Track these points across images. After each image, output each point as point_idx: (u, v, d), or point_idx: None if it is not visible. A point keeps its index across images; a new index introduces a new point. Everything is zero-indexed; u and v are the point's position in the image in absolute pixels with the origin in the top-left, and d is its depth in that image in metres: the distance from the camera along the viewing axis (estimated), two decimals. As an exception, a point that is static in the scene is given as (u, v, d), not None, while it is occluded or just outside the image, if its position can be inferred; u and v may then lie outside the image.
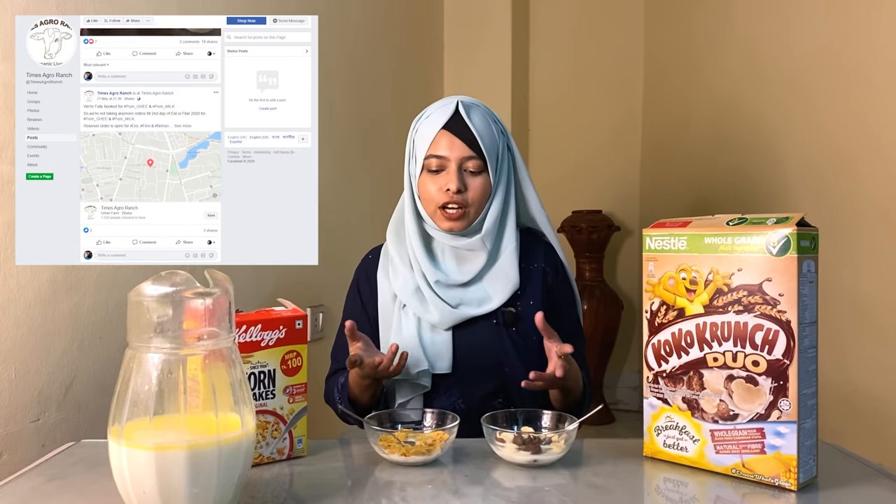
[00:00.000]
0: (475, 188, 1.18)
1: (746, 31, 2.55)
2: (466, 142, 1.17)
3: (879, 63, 1.83)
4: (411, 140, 1.24)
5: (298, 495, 0.86)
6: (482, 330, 1.20)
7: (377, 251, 1.32)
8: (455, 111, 1.18)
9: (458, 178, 1.16)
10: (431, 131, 1.19)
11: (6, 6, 1.10)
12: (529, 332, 1.20)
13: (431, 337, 1.19)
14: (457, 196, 1.16)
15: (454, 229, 1.19)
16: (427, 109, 1.24)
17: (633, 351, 3.43)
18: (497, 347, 1.19)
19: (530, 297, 1.22)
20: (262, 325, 0.93)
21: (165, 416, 0.73)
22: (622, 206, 3.45)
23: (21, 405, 1.14)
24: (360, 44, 2.43)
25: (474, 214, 1.19)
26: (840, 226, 1.92)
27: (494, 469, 0.92)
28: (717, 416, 0.88)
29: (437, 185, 1.18)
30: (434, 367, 1.17)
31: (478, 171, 1.18)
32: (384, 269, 1.27)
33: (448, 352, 1.18)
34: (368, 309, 1.28)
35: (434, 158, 1.18)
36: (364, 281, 1.30)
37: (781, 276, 0.82)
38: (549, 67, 3.49)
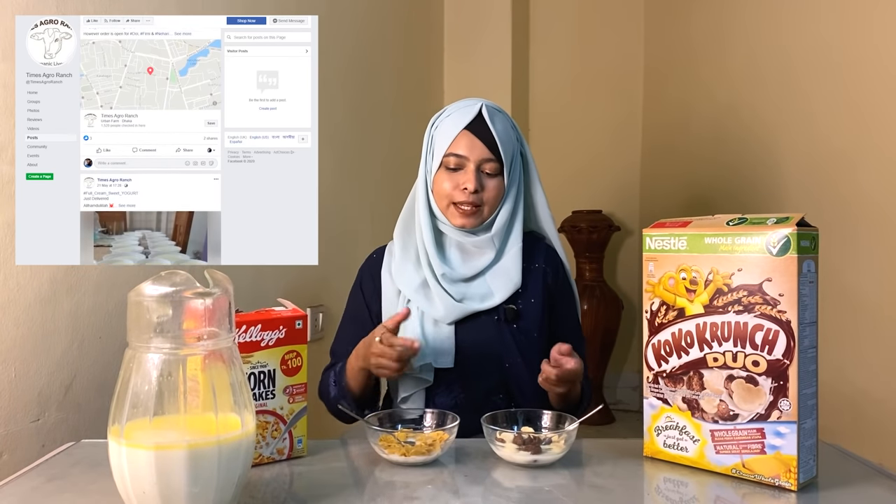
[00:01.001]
0: (490, 189, 1.21)
1: (745, 33, 2.55)
2: (487, 144, 1.20)
3: (876, 63, 1.83)
4: (429, 136, 1.26)
5: (298, 495, 0.86)
6: (484, 326, 1.22)
7: (381, 251, 1.34)
8: (478, 114, 1.21)
9: (476, 178, 1.19)
10: (453, 130, 1.21)
11: (6, 6, 1.10)
12: (530, 328, 1.23)
13: (434, 332, 1.20)
14: (473, 196, 1.20)
15: (466, 226, 1.22)
16: (448, 108, 1.26)
17: (633, 351, 3.43)
18: (498, 343, 1.21)
19: (531, 296, 1.25)
20: (262, 325, 0.93)
21: (165, 416, 0.73)
22: (622, 206, 3.45)
23: (21, 405, 1.14)
24: (360, 44, 2.43)
25: (488, 213, 1.23)
26: (840, 226, 1.92)
27: (494, 469, 0.92)
28: (717, 417, 0.88)
29: (454, 182, 1.21)
30: (437, 362, 1.19)
31: (494, 174, 1.22)
32: (388, 267, 1.29)
33: (451, 346, 1.20)
34: (371, 307, 1.29)
35: (453, 157, 1.21)
36: (368, 279, 1.32)
37: (781, 276, 0.82)
38: (549, 67, 3.49)
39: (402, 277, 1.25)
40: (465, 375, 1.20)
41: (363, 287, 1.32)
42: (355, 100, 2.39)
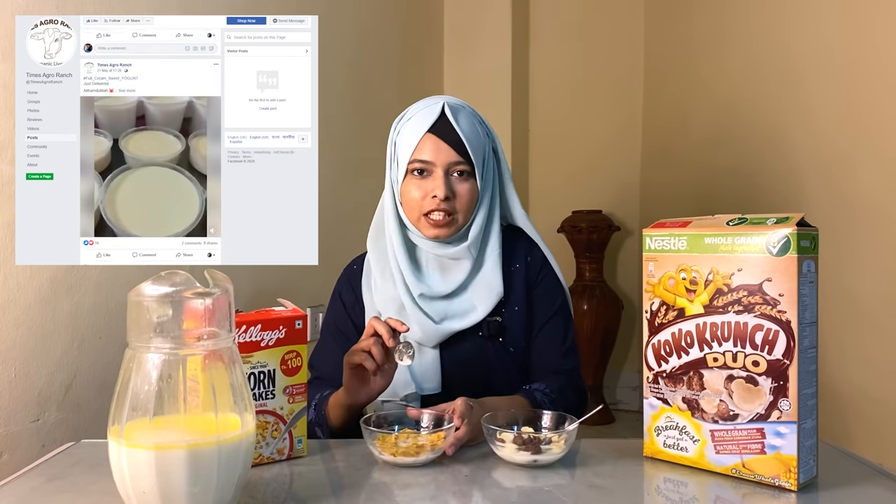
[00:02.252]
0: (463, 195, 1.13)
1: (745, 33, 2.55)
2: (454, 146, 1.12)
3: (877, 63, 1.83)
4: (392, 142, 1.18)
5: (298, 495, 0.86)
6: (468, 344, 1.16)
7: (360, 261, 1.27)
8: (441, 113, 1.13)
9: (446, 184, 1.11)
10: (416, 134, 1.13)
11: (6, 6, 1.10)
12: (516, 342, 1.17)
13: (418, 357, 1.12)
14: (444, 203, 1.11)
15: (440, 237, 1.14)
16: (409, 110, 1.17)
17: (633, 351, 3.43)
18: (483, 364, 1.15)
19: (514, 304, 1.19)
20: (261, 325, 0.93)
21: (165, 416, 0.73)
22: (622, 207, 3.45)
23: (21, 405, 1.14)
24: (360, 44, 2.43)
25: (462, 221, 1.15)
26: (840, 226, 1.92)
27: (494, 469, 0.92)
28: (717, 417, 0.88)
29: (423, 190, 1.13)
30: (423, 389, 1.13)
31: (465, 177, 1.13)
32: (368, 281, 1.22)
33: (437, 372, 1.14)
34: (354, 319, 1.23)
35: (418, 163, 1.12)
36: (348, 290, 1.25)
37: (781, 276, 0.82)
38: (549, 68, 3.49)
39: (378, 297, 1.18)
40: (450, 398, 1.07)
41: (343, 297, 1.25)
42: (355, 100, 2.39)
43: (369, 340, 1.00)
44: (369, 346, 0.99)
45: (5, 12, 1.10)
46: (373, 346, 0.99)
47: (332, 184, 2.15)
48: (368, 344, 0.99)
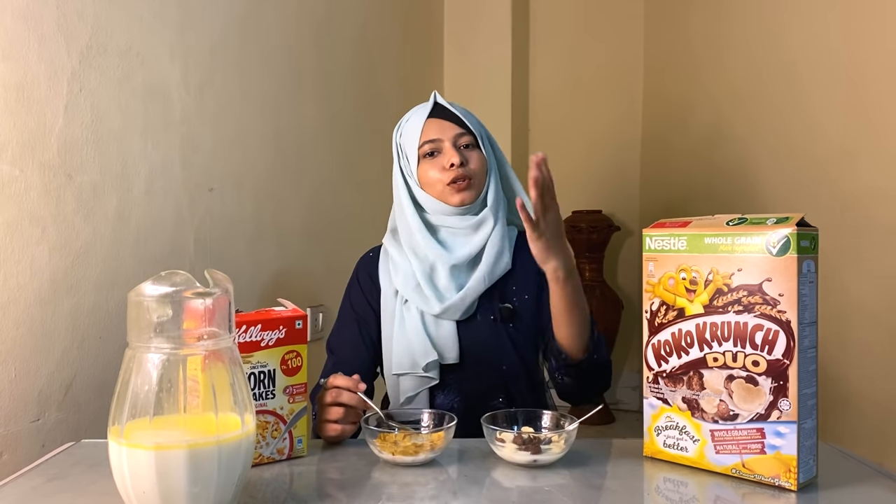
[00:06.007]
0: (474, 160, 1.22)
1: (745, 33, 2.55)
2: (454, 122, 1.23)
3: (876, 61, 1.83)
4: (397, 144, 1.28)
5: (298, 495, 0.86)
6: (482, 326, 1.22)
7: (377, 250, 1.34)
8: (435, 102, 1.25)
9: (458, 152, 1.21)
10: (418, 123, 1.24)
11: (6, 6, 1.10)
12: (527, 328, 1.23)
13: (436, 329, 1.21)
14: (461, 169, 1.20)
15: (466, 201, 1.21)
16: (405, 116, 1.29)
17: (633, 351, 3.43)
18: (496, 344, 1.21)
19: (525, 291, 1.24)
20: (262, 325, 0.93)
21: (165, 416, 0.73)
22: (622, 206, 3.45)
23: (21, 405, 1.14)
24: (360, 43, 2.43)
25: (479, 185, 1.23)
26: (840, 226, 1.92)
27: (494, 469, 0.92)
28: (717, 416, 0.88)
29: (438, 166, 1.21)
30: (444, 358, 1.19)
31: (471, 148, 1.23)
32: (385, 266, 1.29)
33: (454, 342, 1.20)
34: (371, 301, 1.29)
35: (428, 143, 1.22)
36: (364, 275, 1.32)
37: (781, 276, 0.82)
38: (549, 67, 3.49)
39: (398, 277, 1.24)
40: (466, 376, 1.21)
41: (360, 281, 1.32)
42: (355, 99, 2.39)
43: (334, 392, 0.99)
44: (335, 397, 0.99)
45: (5, 12, 1.10)
46: (340, 397, 0.99)
47: (332, 183, 2.15)
48: (334, 396, 0.99)
